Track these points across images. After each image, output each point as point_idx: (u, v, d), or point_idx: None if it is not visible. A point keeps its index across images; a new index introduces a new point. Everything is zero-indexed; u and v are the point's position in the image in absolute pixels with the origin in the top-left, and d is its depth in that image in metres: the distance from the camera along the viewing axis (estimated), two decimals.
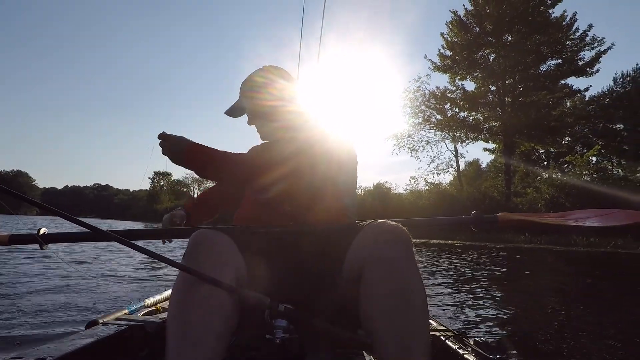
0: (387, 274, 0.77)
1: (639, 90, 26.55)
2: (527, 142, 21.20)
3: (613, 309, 3.37)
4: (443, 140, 24.32)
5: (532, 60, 19.42)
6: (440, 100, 22.77)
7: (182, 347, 0.69)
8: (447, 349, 1.02)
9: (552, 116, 19.47)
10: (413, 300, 0.74)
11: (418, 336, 0.71)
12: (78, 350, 0.88)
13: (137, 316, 1.26)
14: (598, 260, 8.85)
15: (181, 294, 0.76)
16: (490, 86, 21.19)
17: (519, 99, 20.25)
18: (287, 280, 0.94)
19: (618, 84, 28.77)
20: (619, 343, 2.26)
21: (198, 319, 0.72)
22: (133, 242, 0.82)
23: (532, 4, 18.82)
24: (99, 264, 5.13)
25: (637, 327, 2.71)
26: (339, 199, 1.11)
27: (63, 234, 1.10)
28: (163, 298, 1.59)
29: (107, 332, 1.03)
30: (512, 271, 6.52)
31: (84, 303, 2.75)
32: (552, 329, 2.61)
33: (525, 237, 14.39)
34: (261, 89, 1.16)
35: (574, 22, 18.86)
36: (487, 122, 21.70)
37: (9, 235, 1.07)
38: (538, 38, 18.97)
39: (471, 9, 20.55)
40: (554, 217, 1.11)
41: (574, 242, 13.16)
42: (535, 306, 3.43)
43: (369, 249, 0.81)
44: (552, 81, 19.33)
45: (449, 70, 21.64)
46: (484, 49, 20.66)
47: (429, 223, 1.19)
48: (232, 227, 0.99)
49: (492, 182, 22.47)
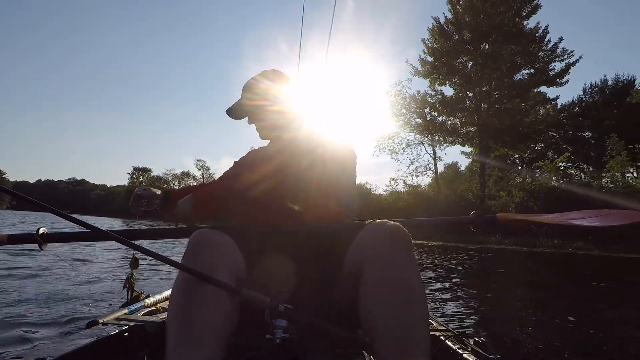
0: (387, 274, 0.77)
1: (606, 101, 28.07)
2: (502, 148, 22.10)
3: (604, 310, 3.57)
4: (422, 143, 25.04)
5: (507, 68, 20.28)
6: (420, 104, 23.43)
7: (182, 347, 0.69)
8: (447, 349, 1.02)
9: (524, 123, 20.41)
10: (413, 300, 0.74)
11: (418, 336, 0.71)
12: (78, 350, 0.88)
13: (137, 316, 1.25)
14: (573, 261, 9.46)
15: (181, 294, 0.76)
16: (468, 92, 21.96)
17: (495, 105, 21.09)
18: (287, 280, 0.94)
19: (587, 94, 30.32)
20: (616, 342, 2.41)
21: (198, 318, 0.72)
22: (133, 242, 0.83)
23: (508, 15, 19.64)
24: (99, 263, 5.11)
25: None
26: (338, 199, 1.11)
27: (62, 233, 1.10)
28: (163, 298, 1.58)
29: (107, 332, 1.02)
30: (489, 271, 6.91)
31: (84, 303, 2.76)
32: (545, 326, 2.74)
33: (495, 239, 15.07)
34: (249, 89, 1.21)
35: (546, 34, 19.81)
36: (464, 126, 22.48)
37: (7, 235, 1.07)
38: (513, 48, 19.82)
39: (451, 17, 21.25)
40: (553, 217, 1.11)
41: (539, 243, 13.91)
42: (520, 304, 3.63)
43: (368, 249, 0.82)
44: (524, 90, 20.22)
45: (429, 75, 22.29)
46: (463, 56, 21.39)
47: (429, 223, 1.20)
48: (232, 226, 0.99)
49: (468, 185, 23.29)
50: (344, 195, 1.14)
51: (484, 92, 21.12)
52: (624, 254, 11.10)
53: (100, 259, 5.59)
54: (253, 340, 0.94)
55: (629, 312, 3.51)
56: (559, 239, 13.77)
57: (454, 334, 1.11)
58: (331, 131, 1.15)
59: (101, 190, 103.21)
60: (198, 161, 55.77)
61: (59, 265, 4.49)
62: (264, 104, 1.18)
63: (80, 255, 5.70)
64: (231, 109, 1.24)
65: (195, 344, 0.69)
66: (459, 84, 21.81)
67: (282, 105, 1.19)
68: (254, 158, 1.07)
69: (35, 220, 11.62)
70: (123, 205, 60.13)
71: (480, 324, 2.80)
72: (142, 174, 67.72)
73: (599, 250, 11.98)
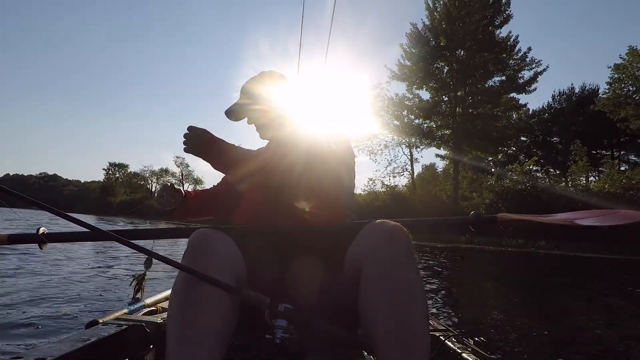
0: (387, 274, 0.77)
1: (572, 108, 29.60)
2: (474, 150, 23.02)
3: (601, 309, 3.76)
4: (400, 144, 25.70)
5: (480, 75, 21.17)
6: (398, 107, 24.06)
7: (182, 347, 0.69)
8: (447, 349, 1.01)
9: (496, 128, 21.37)
10: (413, 300, 0.75)
11: (418, 336, 0.71)
12: (78, 350, 0.88)
13: (137, 316, 1.25)
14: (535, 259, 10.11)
15: (181, 294, 0.76)
16: (444, 97, 22.73)
17: (469, 110, 21.94)
18: (287, 280, 0.95)
19: (556, 101, 31.88)
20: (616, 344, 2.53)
21: (198, 319, 0.72)
22: (132, 241, 0.84)
23: (483, 24, 20.47)
24: (99, 263, 5.13)
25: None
26: (338, 197, 1.12)
27: (62, 233, 1.11)
28: (163, 298, 1.57)
29: (107, 332, 1.02)
30: (460, 268, 7.27)
31: (84, 303, 2.77)
32: (542, 325, 2.83)
33: (465, 238, 15.76)
34: (247, 91, 1.24)
35: (516, 43, 20.79)
36: (440, 130, 23.26)
37: (8, 235, 1.08)
38: (486, 55, 20.69)
39: (428, 23, 21.95)
40: (553, 218, 1.12)
41: (505, 243, 14.68)
42: (487, 297, 3.91)
43: (368, 249, 0.82)
44: (496, 96, 21.16)
45: (407, 80, 22.93)
46: (439, 61, 22.12)
47: (429, 223, 1.23)
48: (231, 226, 1.00)
49: (442, 186, 24.11)
50: (345, 194, 1.15)
51: (458, 97, 21.94)
52: (579, 253, 11.95)
53: (101, 258, 5.59)
54: (253, 340, 0.95)
55: (582, 305, 3.94)
56: (523, 239, 14.58)
57: (454, 334, 1.10)
58: (329, 129, 1.18)
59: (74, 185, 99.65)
60: (177, 158, 54.91)
61: (59, 265, 4.50)
62: (261, 106, 1.19)
63: (80, 256, 5.67)
64: (229, 111, 1.24)
65: (195, 344, 0.70)
66: (435, 88, 22.56)
67: (278, 106, 1.20)
68: (244, 155, 1.09)
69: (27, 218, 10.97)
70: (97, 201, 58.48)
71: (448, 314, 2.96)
72: (119, 170, 66.04)
73: (558, 250, 12.82)
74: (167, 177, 57.05)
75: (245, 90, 1.24)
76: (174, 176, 55.82)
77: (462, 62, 20.99)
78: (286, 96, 1.24)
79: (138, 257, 5.46)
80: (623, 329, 2.96)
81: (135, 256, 5.67)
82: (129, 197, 54.77)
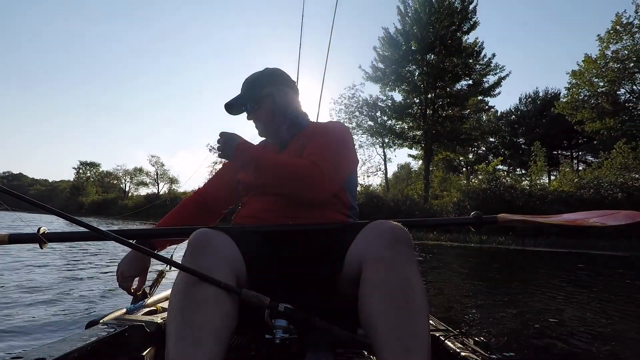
0: (388, 274, 0.77)
1: (537, 111, 31.22)
2: (444, 151, 23.97)
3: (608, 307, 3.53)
4: (373, 145, 26.37)
5: (449, 79, 22.08)
6: (372, 108, 24.71)
7: (181, 347, 0.69)
8: (447, 348, 1.02)
9: (463, 129, 22.36)
10: (413, 300, 0.75)
11: (418, 336, 0.71)
12: (78, 350, 0.88)
13: (137, 316, 1.26)
14: (497, 254, 10.79)
15: (181, 294, 0.77)
16: (415, 99, 23.53)
17: (438, 112, 22.83)
18: (287, 280, 0.95)
19: (522, 104, 33.51)
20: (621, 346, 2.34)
21: (198, 319, 0.72)
22: (132, 242, 0.83)
23: (451, 30, 21.36)
24: (99, 263, 5.09)
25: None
26: (343, 180, 1.13)
27: (63, 233, 1.12)
28: (163, 298, 1.56)
29: (107, 332, 1.02)
30: (430, 263, 7.70)
31: (84, 303, 2.76)
32: (543, 325, 2.70)
33: (433, 235, 16.46)
34: (251, 85, 1.24)
35: (481, 49, 21.82)
36: (411, 131, 24.07)
37: (8, 235, 1.08)
38: (454, 60, 21.60)
39: (400, 28, 22.67)
40: (553, 219, 1.11)
41: (469, 239, 15.47)
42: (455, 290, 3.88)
43: (369, 249, 0.82)
44: (463, 99, 22.13)
45: (380, 81, 23.60)
46: (410, 64, 22.89)
47: (430, 223, 1.23)
48: (231, 227, 1.00)
49: (414, 186, 24.94)
50: (346, 195, 1.16)
51: (429, 99, 22.77)
52: (533, 247, 12.83)
53: (101, 258, 5.53)
54: (253, 340, 0.94)
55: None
56: (486, 235, 15.41)
57: (454, 334, 1.11)
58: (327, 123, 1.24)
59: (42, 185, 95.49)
60: (152, 157, 53.76)
61: (59, 265, 4.50)
62: (264, 103, 1.20)
63: (80, 255, 5.63)
64: (230, 105, 1.24)
65: (194, 344, 0.70)
66: (407, 90, 23.34)
67: (279, 103, 1.21)
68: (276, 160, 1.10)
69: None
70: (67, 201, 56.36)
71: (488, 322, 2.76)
72: (90, 169, 63.92)
73: (515, 245, 13.68)
74: (142, 176, 55.74)
75: (247, 85, 1.24)
76: (149, 175, 54.64)
77: (432, 66, 21.82)
78: (289, 94, 1.25)
79: None
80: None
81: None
82: (101, 197, 53.18)
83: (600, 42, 20.03)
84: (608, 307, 3.44)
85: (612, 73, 19.77)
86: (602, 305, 3.56)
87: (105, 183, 62.00)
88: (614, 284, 5.19)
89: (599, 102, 20.61)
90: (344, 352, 0.99)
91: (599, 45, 20.09)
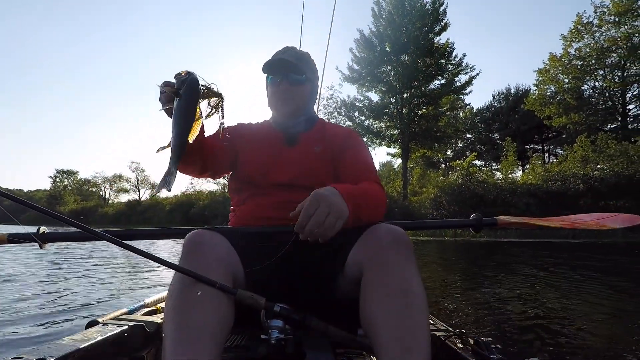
0: (388, 276, 0.78)
1: (509, 107, 32.33)
2: (421, 149, 24.62)
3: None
4: None
5: (423, 78, 22.70)
6: (349, 108, 25.15)
7: (178, 347, 0.70)
8: (447, 349, 1.02)
9: (437, 127, 23.05)
10: (413, 301, 0.75)
11: (418, 337, 0.72)
12: (78, 350, 0.88)
13: (137, 316, 1.26)
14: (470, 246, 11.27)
15: (177, 295, 0.77)
16: (391, 98, 24.07)
17: (414, 111, 23.44)
18: (286, 281, 0.96)
19: (496, 100, 34.62)
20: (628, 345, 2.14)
21: (194, 319, 0.73)
22: (127, 242, 0.84)
23: (424, 31, 21.98)
24: (99, 263, 5.10)
25: None
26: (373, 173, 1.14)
27: (61, 233, 1.13)
28: (163, 298, 1.57)
29: (107, 332, 1.02)
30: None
31: (84, 303, 2.78)
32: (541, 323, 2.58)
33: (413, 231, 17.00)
34: (293, 51, 1.21)
35: (452, 50, 22.53)
36: (389, 130, 24.61)
37: (7, 235, 1.09)
38: (427, 61, 22.24)
39: (374, 29, 23.18)
40: (554, 220, 1.12)
41: (444, 234, 16.05)
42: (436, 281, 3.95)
43: (370, 251, 0.83)
44: (437, 98, 22.81)
45: (357, 82, 24.04)
46: (385, 65, 23.42)
47: (430, 226, 1.22)
48: (228, 227, 1.01)
49: (393, 184, 25.50)
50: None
51: (404, 99, 23.35)
52: (502, 239, 13.47)
53: (101, 258, 5.52)
54: (249, 340, 0.95)
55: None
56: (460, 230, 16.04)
57: (454, 334, 1.11)
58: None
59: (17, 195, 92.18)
60: (132, 163, 52.88)
61: (59, 265, 4.56)
62: (305, 85, 1.17)
63: (80, 255, 5.65)
64: (272, 64, 1.14)
65: (190, 344, 0.70)
66: (383, 91, 23.86)
67: (313, 95, 1.22)
68: None
69: None
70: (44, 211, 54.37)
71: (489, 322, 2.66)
72: (67, 177, 62.29)
73: (486, 237, 14.31)
74: (122, 182, 54.72)
75: (296, 55, 1.17)
76: (129, 182, 53.70)
77: (406, 66, 22.39)
78: (317, 88, 1.26)
79: (136, 258, 5.54)
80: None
81: (134, 256, 4.91)
82: (80, 205, 51.95)
83: (564, 40, 21.04)
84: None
85: (575, 70, 20.79)
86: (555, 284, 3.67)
87: (84, 191, 60.54)
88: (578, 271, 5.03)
89: (565, 97, 21.62)
90: (344, 353, 1.01)
91: (563, 44, 21.11)
